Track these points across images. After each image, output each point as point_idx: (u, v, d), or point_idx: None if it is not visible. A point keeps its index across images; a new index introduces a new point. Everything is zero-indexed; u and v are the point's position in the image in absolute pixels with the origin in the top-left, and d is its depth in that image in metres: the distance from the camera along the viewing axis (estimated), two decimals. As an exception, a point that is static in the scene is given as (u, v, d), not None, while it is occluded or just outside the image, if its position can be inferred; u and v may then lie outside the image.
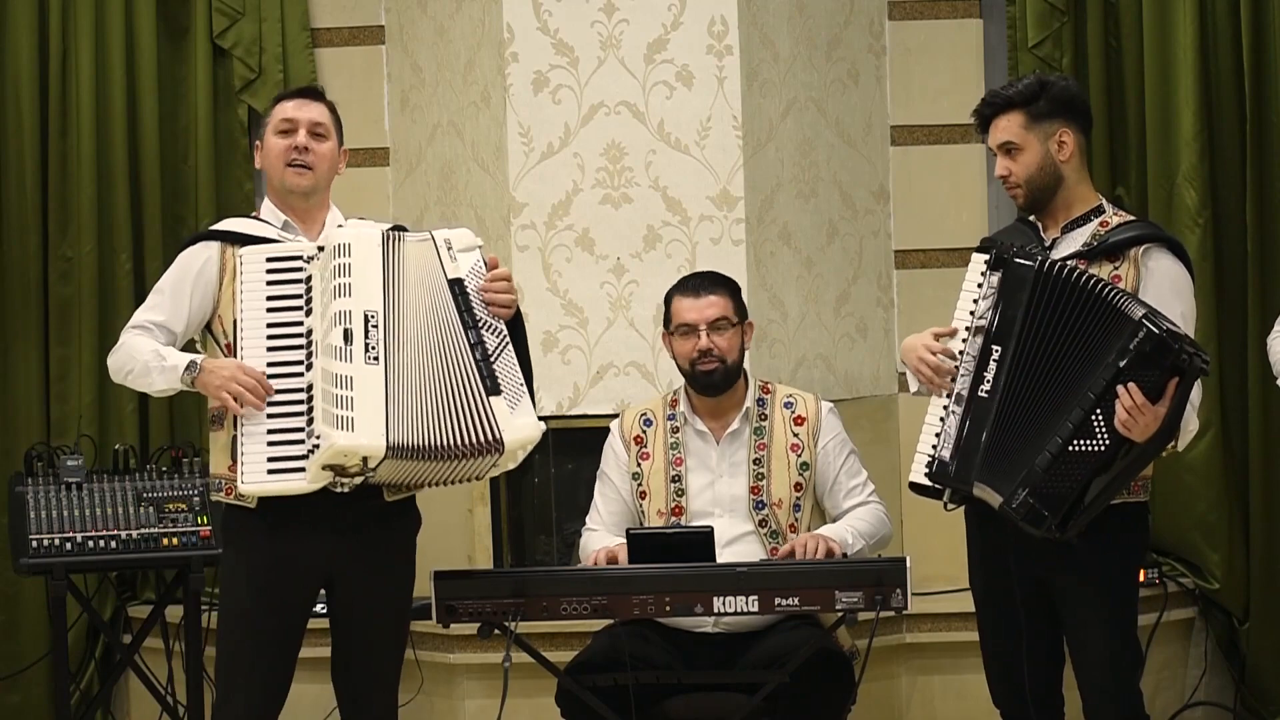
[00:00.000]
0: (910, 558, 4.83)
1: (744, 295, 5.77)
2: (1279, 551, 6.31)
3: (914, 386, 4.78)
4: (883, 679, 6.08)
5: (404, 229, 4.81)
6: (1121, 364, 4.37)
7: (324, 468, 4.50)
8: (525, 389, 4.63)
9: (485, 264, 4.70)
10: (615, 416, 5.45)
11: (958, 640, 6.03)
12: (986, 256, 4.67)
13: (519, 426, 4.58)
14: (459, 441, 4.54)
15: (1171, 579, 6.30)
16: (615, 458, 5.32)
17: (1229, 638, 6.36)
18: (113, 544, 5.77)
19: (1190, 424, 4.55)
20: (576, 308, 6.13)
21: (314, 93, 4.89)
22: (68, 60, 6.53)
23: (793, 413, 5.27)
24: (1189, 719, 6.35)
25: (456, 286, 4.63)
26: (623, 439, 5.32)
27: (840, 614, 4.82)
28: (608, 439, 5.36)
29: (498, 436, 4.55)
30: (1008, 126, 4.71)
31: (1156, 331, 4.36)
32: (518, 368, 4.64)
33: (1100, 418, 4.41)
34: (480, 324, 4.62)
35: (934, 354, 4.67)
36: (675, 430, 5.27)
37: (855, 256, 6.39)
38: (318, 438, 4.48)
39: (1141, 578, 5.80)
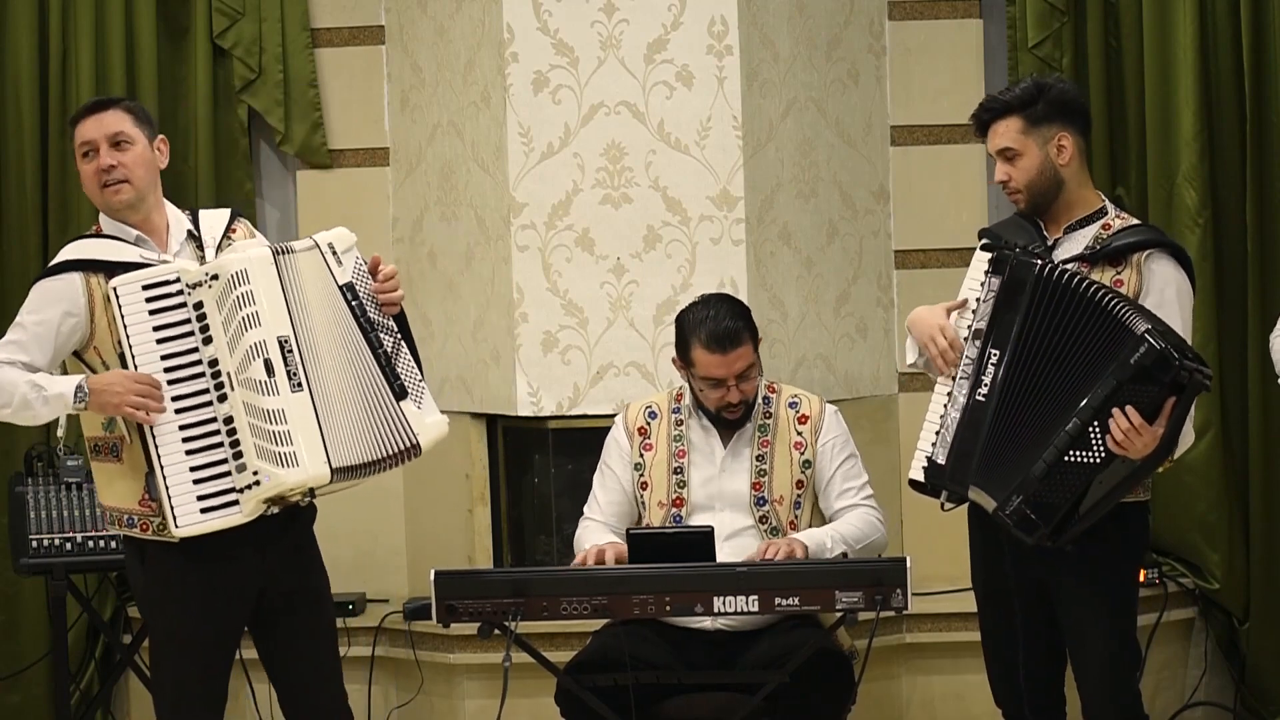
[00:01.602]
0: (910, 558, 4.83)
1: (744, 295, 5.79)
2: (1279, 551, 6.31)
3: (911, 357, 4.77)
4: (883, 679, 6.08)
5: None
6: (1122, 378, 4.37)
7: (265, 500, 4.51)
8: (424, 384, 4.67)
9: (364, 260, 4.68)
10: (615, 417, 5.45)
11: (958, 640, 6.03)
12: (990, 255, 4.67)
13: (429, 426, 4.65)
14: (384, 453, 4.58)
15: (1171, 579, 6.30)
16: (618, 448, 5.32)
17: (1229, 638, 6.35)
18: (113, 544, 5.77)
19: (1187, 437, 4.54)
20: (576, 308, 6.13)
21: (104, 103, 4.73)
22: (68, 60, 6.52)
23: (797, 412, 5.28)
24: (1189, 719, 6.35)
25: (349, 292, 4.61)
26: (626, 430, 5.32)
27: (840, 614, 4.82)
28: (611, 431, 5.37)
29: (414, 441, 4.61)
30: (1006, 132, 4.70)
31: (1159, 347, 4.34)
32: (414, 364, 4.67)
33: (1097, 430, 4.41)
34: (376, 326, 4.62)
35: (946, 338, 4.66)
36: (679, 423, 5.28)
37: (855, 256, 6.39)
38: (255, 474, 4.46)
39: (1141, 578, 5.79)
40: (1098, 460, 4.42)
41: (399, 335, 4.66)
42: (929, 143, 6.48)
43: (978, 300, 4.66)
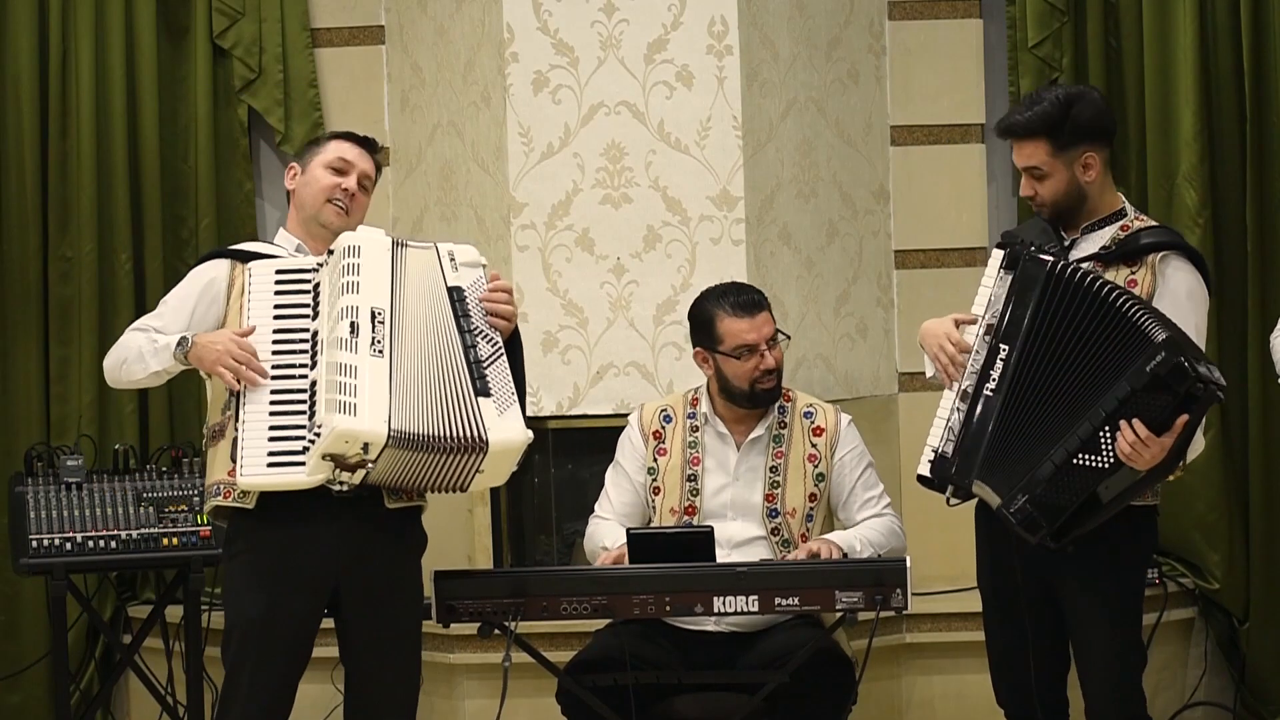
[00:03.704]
0: (910, 558, 4.82)
1: (744, 295, 5.79)
2: (1279, 551, 6.31)
3: (930, 371, 4.76)
4: (883, 679, 6.08)
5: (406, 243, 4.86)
6: (1136, 385, 4.35)
7: (324, 457, 4.49)
8: (515, 399, 4.63)
9: (487, 281, 4.74)
10: (615, 416, 5.45)
11: (958, 640, 6.03)
12: (1004, 251, 4.65)
13: (505, 428, 4.57)
14: (448, 435, 4.53)
15: (1171, 579, 6.30)
16: (632, 448, 5.31)
17: (1229, 638, 6.35)
18: (113, 544, 5.77)
19: (1197, 444, 4.53)
20: (576, 308, 6.13)
21: (375, 145, 4.92)
22: (68, 60, 6.52)
23: (812, 423, 5.27)
24: (1189, 719, 6.35)
25: (455, 294, 4.67)
26: (641, 432, 5.31)
27: (840, 614, 4.82)
28: (625, 430, 5.35)
29: (483, 435, 4.54)
30: (1034, 153, 4.65)
31: (1176, 358, 4.32)
32: (510, 379, 4.66)
33: (1108, 435, 4.39)
34: (476, 331, 4.65)
35: (953, 343, 4.65)
36: (695, 430, 5.27)
37: (855, 256, 6.39)
38: (319, 427, 4.50)
39: (1142, 578, 5.80)
40: (1106, 465, 4.41)
41: (500, 350, 4.66)
42: (929, 143, 6.48)
43: (990, 296, 4.64)
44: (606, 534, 5.23)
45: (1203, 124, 6.23)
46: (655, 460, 5.27)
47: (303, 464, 4.52)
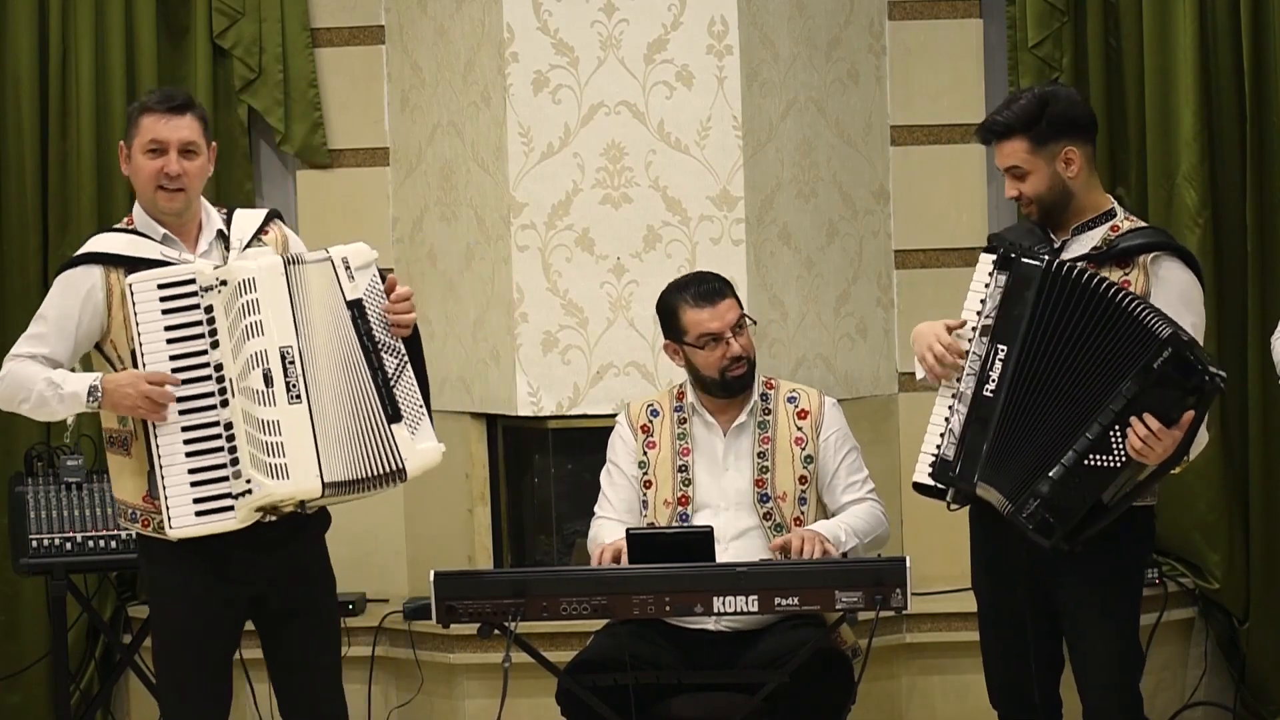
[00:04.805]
0: (910, 558, 4.82)
1: (744, 295, 5.80)
2: (1279, 551, 6.31)
3: (920, 374, 4.77)
4: (883, 679, 6.08)
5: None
6: (1145, 383, 4.35)
7: (257, 509, 4.52)
8: (424, 409, 4.64)
9: (380, 279, 4.67)
10: (615, 416, 5.45)
11: (958, 640, 6.03)
12: (994, 256, 4.66)
13: (420, 452, 4.61)
14: (372, 474, 4.57)
15: (1171, 579, 6.30)
16: (624, 444, 5.32)
17: (1229, 638, 6.35)
18: (113, 544, 5.77)
19: (1202, 437, 4.53)
20: (576, 308, 6.13)
21: (182, 106, 4.69)
22: (68, 60, 6.52)
23: (796, 407, 5.29)
24: (1189, 719, 6.35)
25: (355, 309, 4.59)
26: (630, 427, 5.32)
27: (840, 614, 4.82)
28: (614, 430, 5.37)
29: (400, 465, 4.59)
30: (1013, 152, 4.67)
31: (1184, 353, 4.33)
32: (416, 388, 4.65)
33: (1118, 434, 4.39)
34: (380, 346, 4.61)
35: (941, 344, 4.65)
36: (683, 421, 5.28)
37: (855, 256, 6.39)
38: (248, 482, 4.48)
39: (1141, 578, 5.80)
40: (1117, 465, 4.41)
41: (404, 358, 4.64)
42: (929, 143, 6.48)
43: (983, 300, 4.64)
44: (609, 533, 5.23)
45: (1203, 124, 6.23)
46: (645, 454, 5.28)
47: (232, 509, 4.51)
